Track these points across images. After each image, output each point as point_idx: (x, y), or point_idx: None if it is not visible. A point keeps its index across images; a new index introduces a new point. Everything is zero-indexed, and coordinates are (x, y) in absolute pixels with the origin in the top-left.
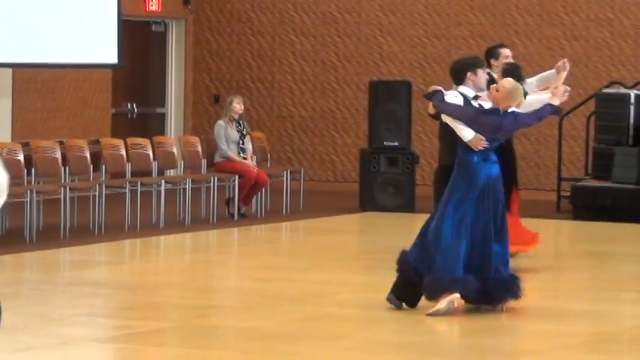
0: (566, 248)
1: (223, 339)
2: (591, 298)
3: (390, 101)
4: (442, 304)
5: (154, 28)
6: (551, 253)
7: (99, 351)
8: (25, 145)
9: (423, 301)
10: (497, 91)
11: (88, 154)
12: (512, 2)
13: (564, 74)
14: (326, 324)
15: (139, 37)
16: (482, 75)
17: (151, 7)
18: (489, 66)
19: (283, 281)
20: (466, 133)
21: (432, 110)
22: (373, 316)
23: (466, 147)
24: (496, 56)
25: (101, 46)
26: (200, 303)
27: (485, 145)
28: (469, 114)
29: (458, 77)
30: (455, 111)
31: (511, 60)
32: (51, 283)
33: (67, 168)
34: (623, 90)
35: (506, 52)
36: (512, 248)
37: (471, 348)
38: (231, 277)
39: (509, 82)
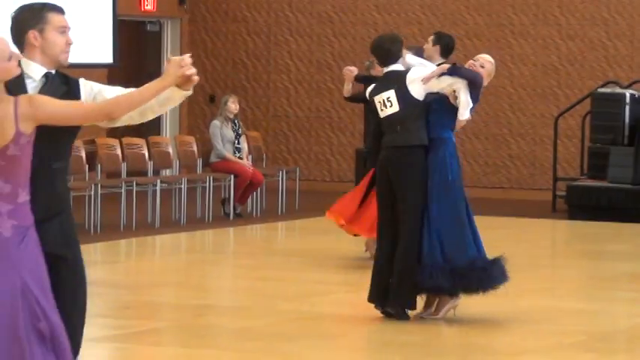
0: (562, 248)
1: (219, 338)
2: (587, 298)
3: None
4: (442, 312)
5: (149, 27)
6: (547, 252)
7: (95, 350)
8: None
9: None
10: (482, 67)
11: (83, 154)
12: (507, 2)
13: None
14: (321, 323)
15: (134, 36)
16: None
17: (146, 7)
18: None
19: (279, 281)
20: (467, 112)
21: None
22: (369, 316)
23: (449, 127)
24: None
25: (97, 46)
26: (196, 302)
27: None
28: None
29: (396, 55)
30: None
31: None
32: None
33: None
34: (618, 90)
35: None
36: None
37: (468, 347)
38: (227, 277)
39: (490, 57)
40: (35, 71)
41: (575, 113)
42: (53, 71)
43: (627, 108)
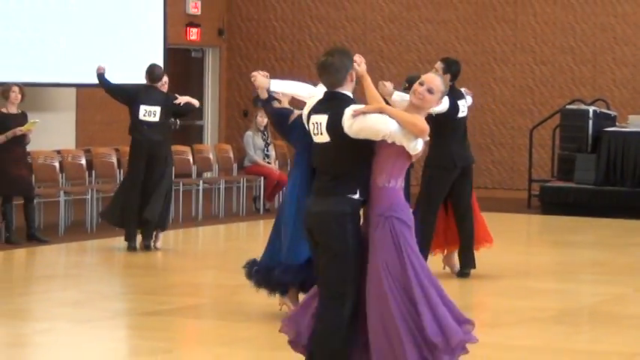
0: (535, 238)
1: (251, 313)
2: (557, 279)
3: None
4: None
5: (193, 54)
6: (523, 241)
7: (146, 322)
8: (87, 152)
9: None
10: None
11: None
12: (490, 34)
13: None
14: None
15: (181, 62)
16: None
17: (191, 37)
18: None
19: None
20: None
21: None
22: None
23: None
24: None
25: None
26: (232, 283)
27: None
28: None
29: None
30: None
31: None
32: (108, 266)
33: (121, 170)
34: (583, 106)
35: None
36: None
37: None
38: None
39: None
40: None
41: (547, 126)
42: None
43: (590, 122)
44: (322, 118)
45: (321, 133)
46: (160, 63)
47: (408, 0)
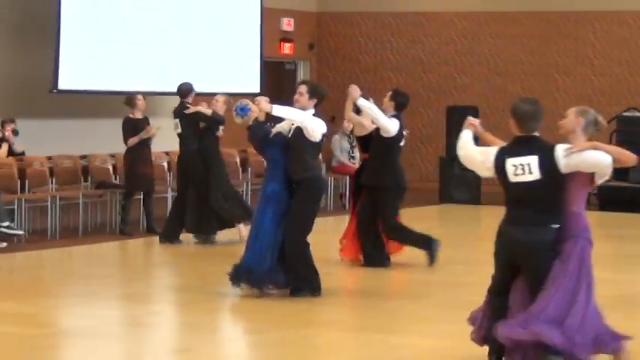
0: (594, 232)
1: (337, 297)
2: (613, 269)
3: (462, 121)
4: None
5: (287, 66)
6: None
7: (240, 305)
8: None
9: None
10: None
11: (238, 160)
12: (553, 48)
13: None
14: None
15: (275, 73)
16: None
17: (284, 51)
18: None
19: None
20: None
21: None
22: (449, 281)
23: None
24: None
25: (248, 80)
26: (321, 270)
27: None
28: None
29: None
30: None
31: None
32: (207, 255)
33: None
34: (637, 113)
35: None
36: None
37: None
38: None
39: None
40: None
41: (605, 132)
42: None
43: None
44: (531, 159)
45: (530, 172)
46: (257, 74)
47: (479, 17)
